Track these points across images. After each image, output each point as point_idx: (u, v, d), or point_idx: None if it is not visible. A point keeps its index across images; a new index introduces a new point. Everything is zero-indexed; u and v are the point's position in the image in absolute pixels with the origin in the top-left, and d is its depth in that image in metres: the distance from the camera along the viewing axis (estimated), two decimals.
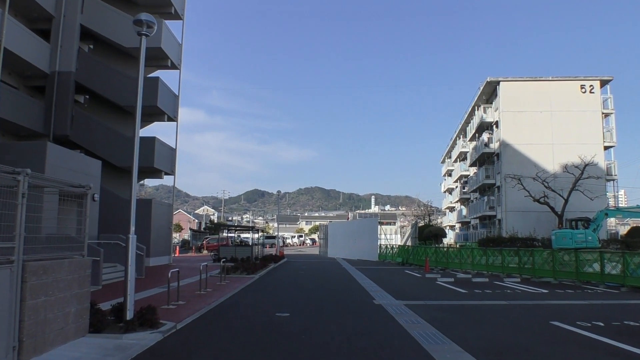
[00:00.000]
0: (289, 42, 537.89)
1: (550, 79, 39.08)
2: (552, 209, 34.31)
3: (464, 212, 55.91)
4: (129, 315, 7.09)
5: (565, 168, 34.99)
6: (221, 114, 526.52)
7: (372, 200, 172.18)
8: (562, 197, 34.11)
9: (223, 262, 16.18)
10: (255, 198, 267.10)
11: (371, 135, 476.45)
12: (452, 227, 63.95)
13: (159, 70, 26.84)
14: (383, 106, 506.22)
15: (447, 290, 14.64)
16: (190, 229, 71.65)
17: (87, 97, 24.64)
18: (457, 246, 36.43)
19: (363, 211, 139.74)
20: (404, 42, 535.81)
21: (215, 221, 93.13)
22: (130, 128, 24.52)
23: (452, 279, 17.88)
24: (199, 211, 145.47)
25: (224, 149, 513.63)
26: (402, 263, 27.77)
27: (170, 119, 25.47)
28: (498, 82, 39.37)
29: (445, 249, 24.35)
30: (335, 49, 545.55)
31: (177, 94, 26.20)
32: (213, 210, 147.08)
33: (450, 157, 66.00)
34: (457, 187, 60.10)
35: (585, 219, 30.45)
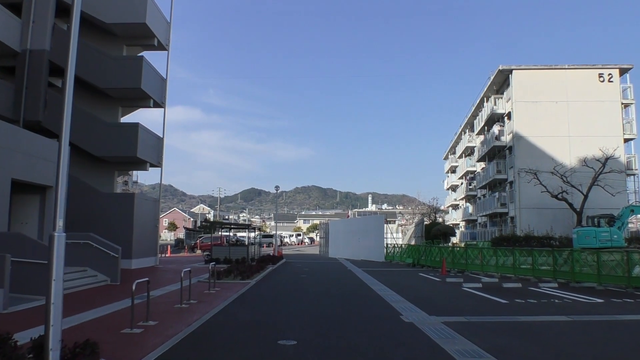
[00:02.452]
0: (286, 39, 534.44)
1: (566, 67, 36.63)
2: (571, 205, 31.91)
3: (470, 209, 53.51)
4: (53, 357, 4.56)
5: (584, 162, 32.53)
6: (218, 112, 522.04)
7: (369, 199, 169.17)
8: (581, 192, 31.72)
9: (213, 265, 13.64)
10: (252, 197, 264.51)
11: (368, 133, 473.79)
12: (455, 226, 61.54)
13: (144, 52, 24.27)
14: (380, 104, 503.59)
15: (481, 299, 12.17)
16: (185, 228, 68.88)
17: (64, 80, 22.07)
18: (463, 245, 34.08)
19: (362, 210, 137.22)
20: (402, 40, 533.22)
21: (211, 220, 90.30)
22: (112, 113, 22.01)
23: (479, 284, 15.43)
24: (195, 210, 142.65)
25: (221, 147, 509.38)
26: (412, 264, 25.31)
27: (157, 105, 22.89)
28: (510, 71, 36.89)
29: (463, 249, 21.88)
30: (332, 47, 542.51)
31: (165, 77, 23.62)
32: (209, 208, 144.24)
33: (454, 153, 63.58)
34: (462, 183, 57.68)
35: (609, 215, 28.11)
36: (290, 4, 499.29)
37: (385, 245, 31.61)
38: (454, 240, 45.67)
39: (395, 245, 31.13)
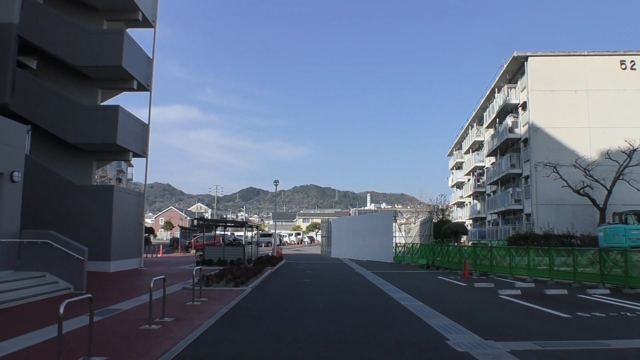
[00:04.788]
0: (284, 38, 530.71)
1: (585, 53, 34.26)
2: (593, 201, 29.56)
3: (478, 207, 51.12)
4: None
5: (607, 154, 30.21)
6: (216, 111, 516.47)
7: (368, 198, 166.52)
8: (604, 187, 29.38)
9: (198, 269, 11.18)
10: (250, 196, 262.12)
11: (367, 132, 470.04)
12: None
13: (129, 29, 21.77)
14: (379, 103, 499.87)
15: (532, 312, 9.74)
16: (180, 227, 66.34)
17: (37, 58, 19.55)
18: (470, 244, 31.73)
19: (361, 208, 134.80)
20: (401, 39, 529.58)
21: (209, 218, 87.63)
22: (91, 97, 19.48)
23: (517, 291, 13.03)
24: (193, 209, 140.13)
25: (219, 146, 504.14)
26: (427, 266, 22.89)
27: (141, 87, 20.40)
28: (526, 58, 34.50)
29: (488, 249, 19.44)
30: (330, 46, 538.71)
31: (152, 57, 21.14)
32: (207, 207, 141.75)
33: (460, 149, 61.18)
34: (469, 180, 55.25)
35: (638, 212, 25.76)
36: (289, 2, 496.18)
37: (395, 245, 29.21)
38: (462, 239, 43.28)
39: (405, 245, 28.70)
